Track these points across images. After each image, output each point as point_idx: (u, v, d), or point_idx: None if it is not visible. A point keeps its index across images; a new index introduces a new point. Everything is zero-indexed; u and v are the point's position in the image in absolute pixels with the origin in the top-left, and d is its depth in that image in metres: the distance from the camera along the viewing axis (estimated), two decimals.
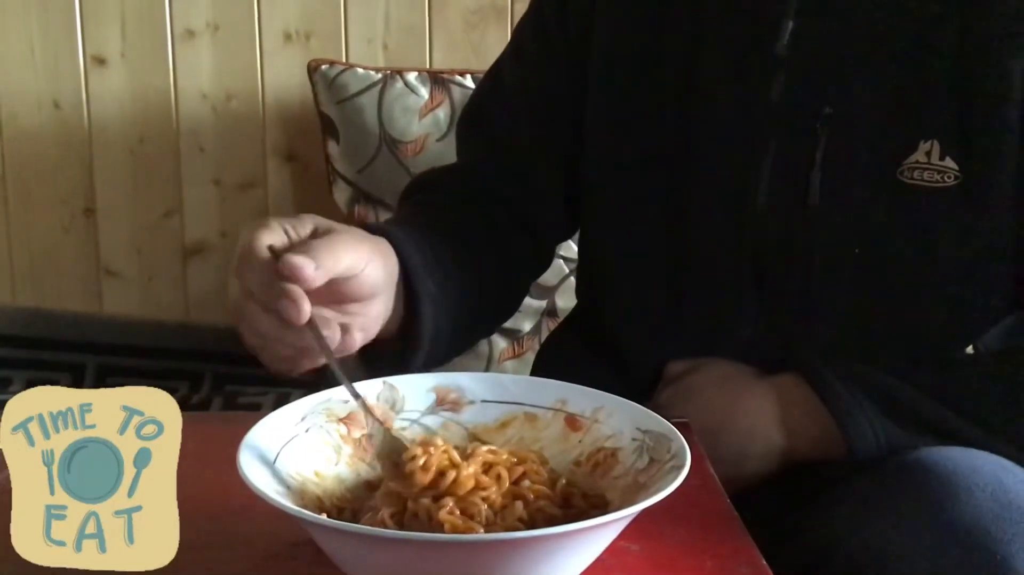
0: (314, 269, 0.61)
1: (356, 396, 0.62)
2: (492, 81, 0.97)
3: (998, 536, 0.61)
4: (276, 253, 0.63)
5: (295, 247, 0.63)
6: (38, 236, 1.68)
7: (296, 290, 0.61)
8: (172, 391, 1.88)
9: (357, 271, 0.66)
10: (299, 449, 0.60)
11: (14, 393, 1.65)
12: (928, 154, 0.76)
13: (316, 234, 0.66)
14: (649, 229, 0.87)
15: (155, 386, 1.88)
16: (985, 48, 0.76)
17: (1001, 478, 0.65)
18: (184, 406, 1.71)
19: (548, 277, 1.34)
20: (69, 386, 1.70)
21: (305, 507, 0.56)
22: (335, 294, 0.66)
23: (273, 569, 0.58)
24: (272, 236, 0.64)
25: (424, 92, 1.50)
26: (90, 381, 1.63)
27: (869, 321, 0.80)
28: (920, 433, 0.75)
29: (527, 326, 1.52)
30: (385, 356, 0.76)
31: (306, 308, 0.61)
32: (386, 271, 0.70)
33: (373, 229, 0.74)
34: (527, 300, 1.49)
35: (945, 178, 0.76)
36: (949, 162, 0.76)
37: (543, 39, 0.93)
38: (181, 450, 0.76)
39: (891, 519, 0.65)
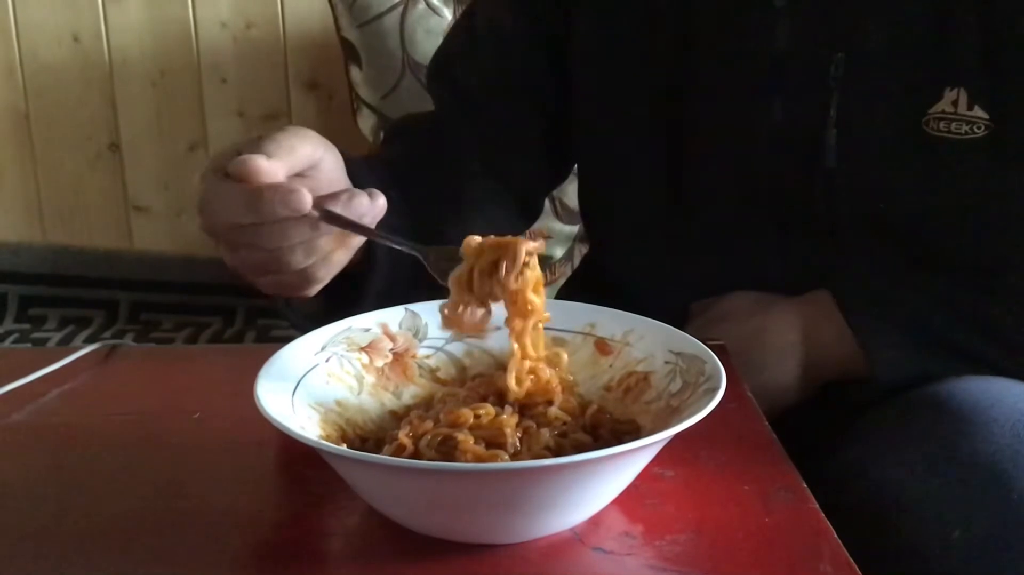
0: (267, 160, 0.57)
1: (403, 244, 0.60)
2: (465, 23, 0.92)
3: (1015, 475, 0.59)
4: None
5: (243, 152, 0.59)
6: (64, 173, 1.67)
7: (284, 181, 0.57)
8: (206, 326, 1.89)
9: (316, 159, 0.62)
10: (320, 379, 0.58)
11: (49, 331, 1.66)
12: (955, 103, 0.71)
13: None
14: (650, 185, 0.83)
15: (188, 321, 1.89)
16: None
17: (1023, 409, 0.62)
18: (218, 340, 1.72)
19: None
20: (103, 323, 1.70)
21: (327, 438, 0.55)
22: None
23: (296, 501, 0.57)
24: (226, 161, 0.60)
25: (447, 12, 1.45)
26: (124, 318, 1.64)
27: (902, 270, 0.76)
28: (949, 359, 0.72)
29: (559, 252, 1.49)
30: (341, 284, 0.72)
31: (306, 194, 0.57)
32: (340, 165, 0.66)
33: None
34: (558, 225, 1.46)
35: (975, 128, 0.71)
36: (978, 111, 0.71)
37: None
38: (212, 381, 0.76)
39: (908, 455, 0.63)
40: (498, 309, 0.64)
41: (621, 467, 0.50)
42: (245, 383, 0.54)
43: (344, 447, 0.54)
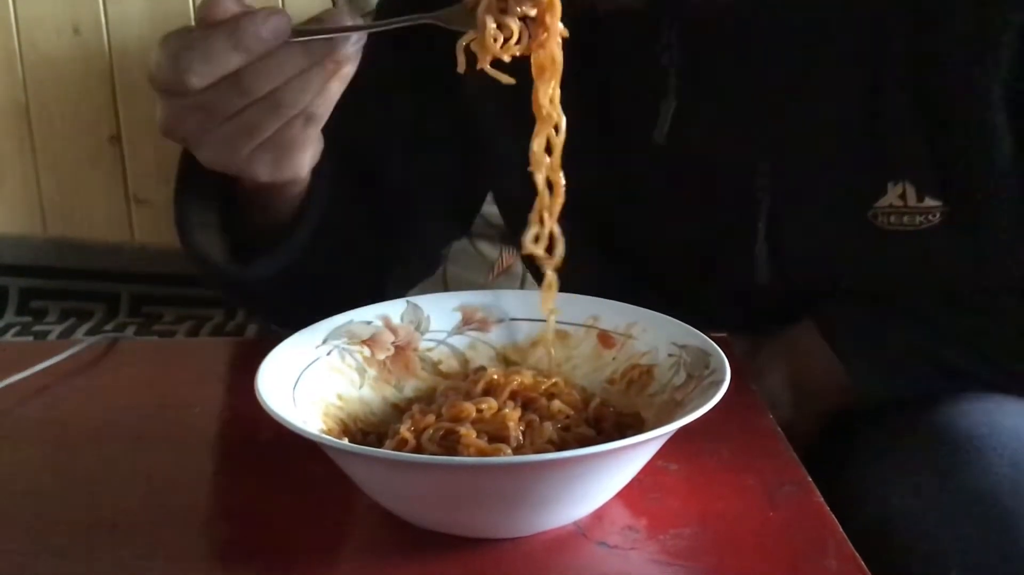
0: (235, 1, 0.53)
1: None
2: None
3: (1014, 509, 0.58)
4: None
5: None
6: (65, 165, 1.66)
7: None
8: (207, 318, 1.87)
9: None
10: (321, 372, 0.58)
11: (50, 324, 1.66)
12: (903, 196, 0.68)
13: None
14: (599, 265, 0.79)
15: (190, 314, 1.87)
16: (947, 73, 0.66)
17: (1021, 434, 0.61)
18: (219, 333, 1.71)
19: None
20: (104, 315, 1.70)
21: (329, 432, 0.55)
22: None
23: (298, 495, 0.56)
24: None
25: None
26: (125, 311, 1.63)
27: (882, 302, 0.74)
28: (939, 378, 0.71)
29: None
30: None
31: (284, 12, 0.53)
32: None
33: None
34: None
35: (929, 217, 0.68)
36: (930, 201, 0.68)
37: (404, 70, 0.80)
38: (213, 374, 0.76)
39: (906, 485, 0.62)
40: (500, 303, 0.64)
41: (624, 461, 0.50)
42: (246, 377, 0.53)
43: (346, 441, 0.53)
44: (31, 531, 0.53)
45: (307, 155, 0.60)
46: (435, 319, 0.64)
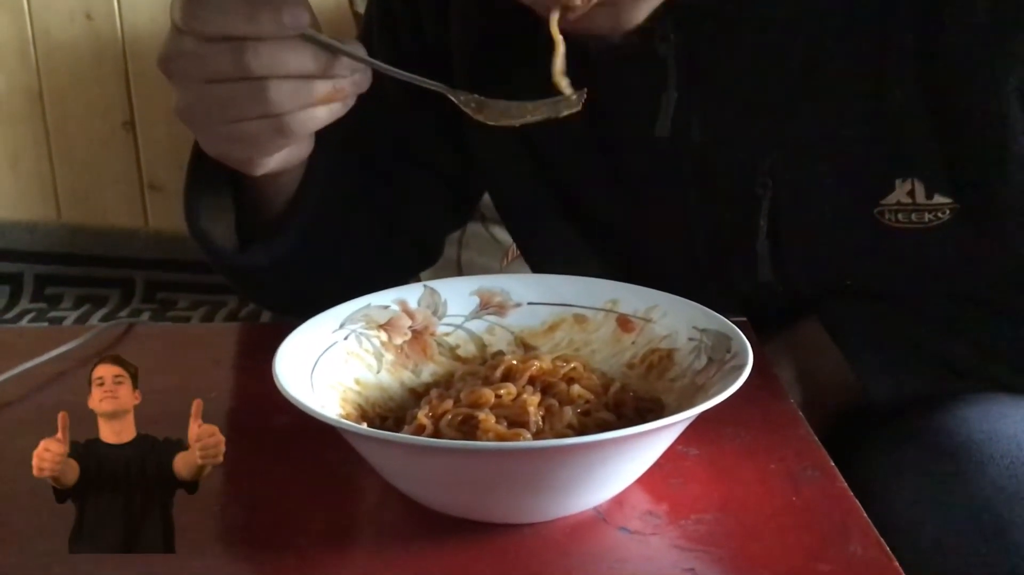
0: None
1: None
2: None
3: (1011, 519, 0.57)
4: None
5: None
6: (79, 151, 1.67)
7: None
8: (222, 304, 1.87)
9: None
10: (338, 357, 0.58)
11: (65, 310, 1.65)
12: (911, 194, 0.66)
13: None
14: (596, 266, 0.78)
15: (205, 300, 1.87)
16: (959, 65, 0.64)
17: (1021, 443, 0.60)
18: (234, 319, 1.71)
19: None
20: (119, 301, 1.70)
21: (347, 417, 0.54)
22: None
23: (315, 480, 0.56)
24: None
25: None
26: (139, 297, 1.64)
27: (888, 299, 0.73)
28: (946, 377, 0.69)
29: None
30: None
31: (306, 11, 0.54)
32: None
33: None
34: None
35: (939, 214, 0.67)
36: (940, 198, 0.66)
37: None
38: (229, 360, 0.75)
39: (904, 493, 0.62)
40: (517, 287, 0.63)
41: (645, 446, 0.49)
42: (263, 362, 0.53)
43: (364, 426, 0.53)
44: (49, 516, 0.53)
45: (265, 161, 0.61)
46: (452, 303, 0.63)
